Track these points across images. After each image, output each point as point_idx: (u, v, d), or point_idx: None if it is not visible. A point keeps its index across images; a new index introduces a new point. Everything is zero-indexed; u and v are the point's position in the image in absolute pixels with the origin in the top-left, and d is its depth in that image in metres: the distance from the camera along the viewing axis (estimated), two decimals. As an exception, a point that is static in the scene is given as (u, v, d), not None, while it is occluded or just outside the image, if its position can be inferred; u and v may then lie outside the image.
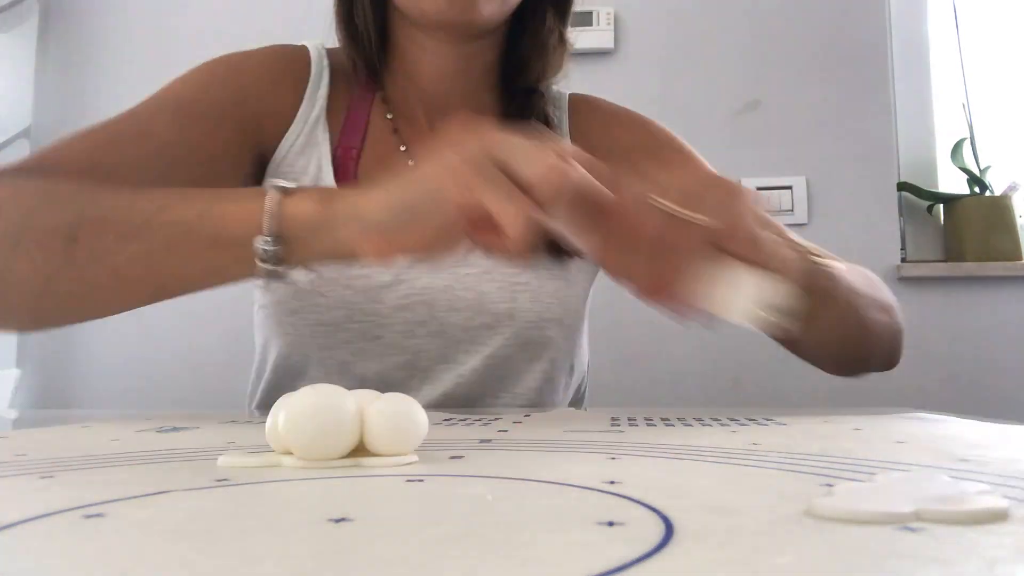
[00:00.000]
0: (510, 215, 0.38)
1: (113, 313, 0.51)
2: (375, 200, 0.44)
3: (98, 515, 0.20)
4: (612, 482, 0.24)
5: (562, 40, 0.72)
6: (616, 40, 1.69)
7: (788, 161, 1.62)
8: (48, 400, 1.61)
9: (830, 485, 0.23)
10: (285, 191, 0.46)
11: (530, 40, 0.71)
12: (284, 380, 0.70)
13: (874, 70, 1.63)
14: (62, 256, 0.48)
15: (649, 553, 0.15)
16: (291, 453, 0.28)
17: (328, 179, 0.68)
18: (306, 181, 0.68)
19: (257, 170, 0.70)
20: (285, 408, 0.28)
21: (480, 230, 0.40)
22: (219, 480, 0.25)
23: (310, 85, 0.71)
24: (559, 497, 0.22)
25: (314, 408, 0.27)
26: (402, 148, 0.70)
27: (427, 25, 0.66)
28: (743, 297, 0.38)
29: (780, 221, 1.76)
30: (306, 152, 0.69)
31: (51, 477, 0.26)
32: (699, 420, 0.44)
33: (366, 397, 0.30)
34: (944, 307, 1.55)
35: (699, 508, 0.20)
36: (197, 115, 0.64)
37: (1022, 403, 1.44)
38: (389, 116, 0.71)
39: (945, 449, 0.30)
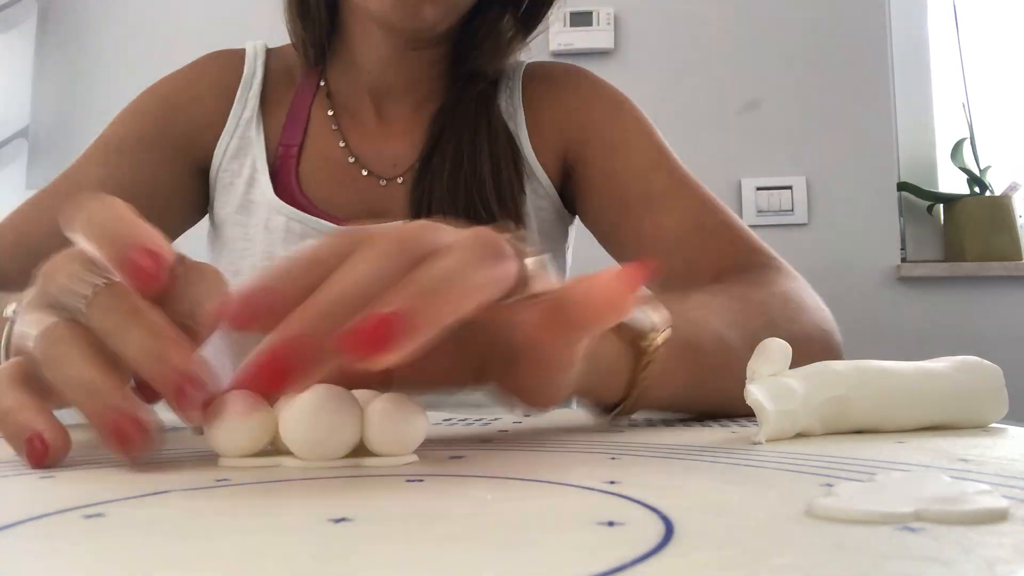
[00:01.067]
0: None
1: None
2: None
3: (98, 515, 0.20)
4: (612, 482, 0.24)
5: (516, 36, 0.69)
6: (616, 40, 1.69)
7: (788, 161, 1.62)
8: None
9: (830, 485, 0.23)
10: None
11: (483, 33, 0.68)
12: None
13: (874, 70, 1.63)
14: None
15: (649, 553, 0.15)
16: (290, 453, 0.28)
17: (263, 181, 0.66)
18: (240, 185, 0.67)
19: (201, 184, 0.69)
20: (285, 408, 0.28)
21: None
22: (219, 480, 0.25)
23: (241, 86, 0.70)
24: (559, 497, 0.22)
25: (314, 408, 0.27)
26: (342, 144, 0.69)
27: (374, 22, 0.65)
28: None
29: (780, 221, 1.75)
30: (239, 156, 0.68)
31: (51, 477, 0.26)
32: (699, 420, 0.44)
33: (365, 396, 0.30)
34: (944, 307, 1.55)
35: (699, 508, 0.20)
36: (123, 151, 0.65)
37: (1022, 403, 1.44)
38: (331, 112, 0.70)
39: (945, 449, 0.30)
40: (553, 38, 1.67)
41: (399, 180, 0.68)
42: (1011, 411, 0.37)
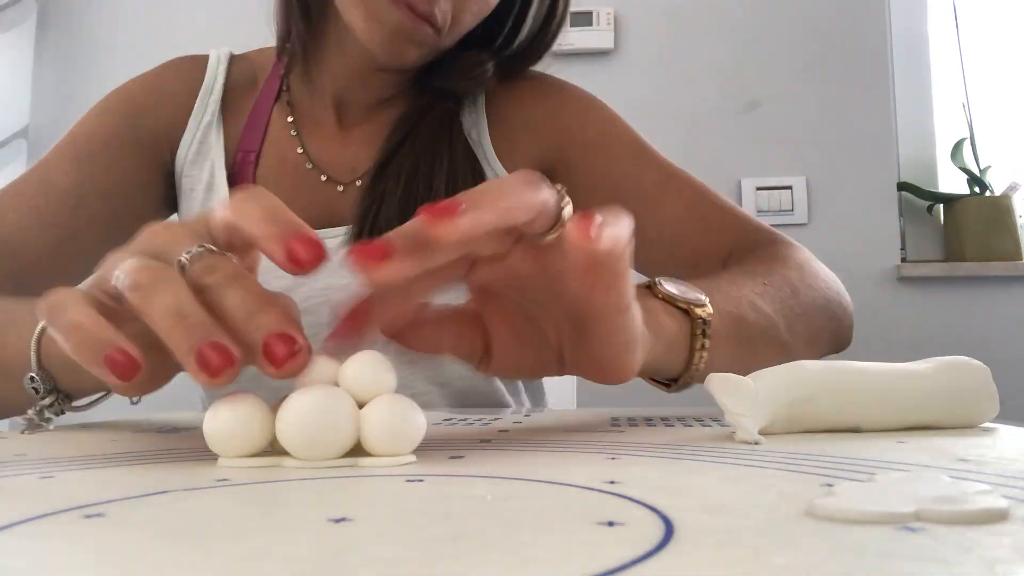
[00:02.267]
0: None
1: None
2: None
3: (98, 515, 0.20)
4: (612, 482, 0.24)
5: (487, 67, 0.68)
6: (616, 40, 1.69)
7: (788, 161, 1.62)
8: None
9: (830, 485, 0.23)
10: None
11: (457, 65, 0.67)
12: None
13: (874, 70, 1.63)
14: None
15: (649, 553, 0.15)
16: (285, 454, 0.28)
17: (221, 187, 0.67)
18: (200, 191, 0.67)
19: (170, 185, 0.70)
20: (283, 409, 0.28)
21: None
22: (219, 480, 0.25)
23: (202, 91, 0.70)
24: (559, 497, 0.22)
25: (311, 409, 0.27)
26: (299, 151, 0.69)
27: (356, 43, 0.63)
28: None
29: (780, 221, 1.76)
30: (199, 161, 0.68)
31: (51, 477, 0.26)
32: (699, 420, 0.44)
33: (362, 395, 0.29)
34: (944, 307, 1.55)
35: (699, 508, 0.20)
36: (93, 151, 0.65)
37: (1022, 403, 1.44)
38: (290, 119, 0.70)
39: (944, 449, 0.30)
40: (553, 38, 1.67)
41: (357, 184, 0.67)
42: (1011, 411, 0.37)
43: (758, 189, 1.61)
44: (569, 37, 1.68)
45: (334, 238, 0.65)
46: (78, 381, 0.43)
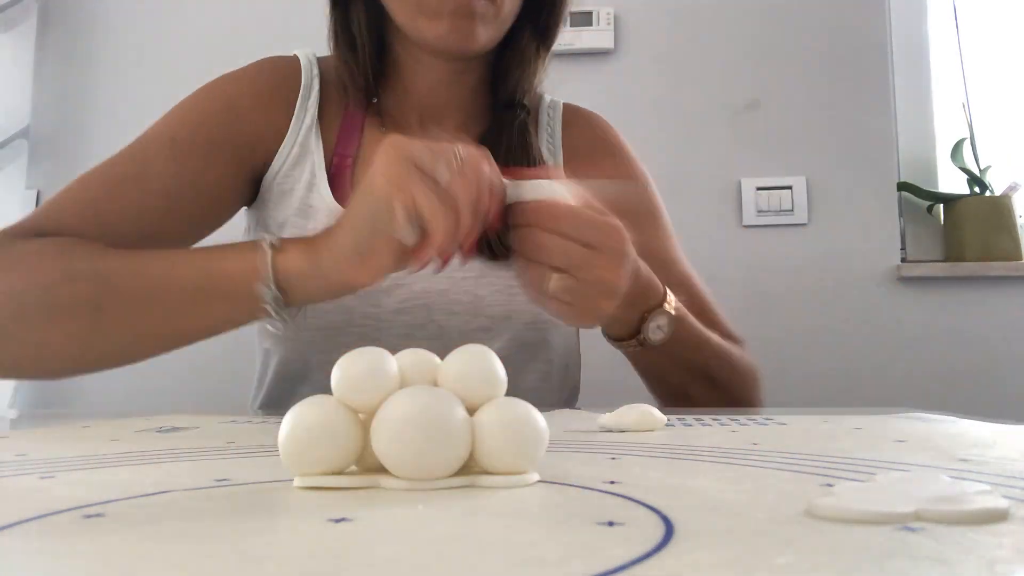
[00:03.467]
0: (439, 215, 0.43)
1: (139, 362, 0.56)
2: (343, 228, 0.49)
3: (98, 515, 0.20)
4: (612, 482, 0.24)
5: (539, 52, 0.74)
6: (616, 40, 1.69)
7: (788, 161, 1.62)
8: (48, 400, 1.62)
9: (830, 485, 0.23)
10: (274, 247, 0.51)
11: (512, 54, 0.73)
12: (285, 386, 0.70)
13: (874, 70, 1.63)
14: (91, 325, 0.53)
15: (649, 553, 0.15)
16: (380, 471, 0.24)
17: (322, 186, 0.68)
18: (299, 190, 0.69)
19: (253, 187, 0.71)
20: (380, 418, 0.23)
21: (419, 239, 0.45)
22: (219, 480, 0.25)
23: (300, 96, 0.71)
24: (559, 497, 0.22)
25: (418, 417, 0.22)
26: None
27: (426, 49, 0.68)
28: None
29: (780, 221, 1.74)
30: (300, 163, 0.70)
31: (51, 477, 0.26)
32: (699, 420, 0.44)
33: (473, 401, 0.24)
34: (944, 307, 1.55)
35: (699, 508, 0.20)
36: (192, 150, 0.66)
37: (1022, 403, 1.44)
38: (383, 128, 0.72)
39: (945, 449, 0.30)
40: (553, 38, 1.67)
41: None
42: (1011, 411, 0.37)
43: (758, 189, 1.61)
44: (569, 37, 1.68)
45: None
46: (314, 289, 0.51)
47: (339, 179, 0.69)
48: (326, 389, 0.25)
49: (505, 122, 0.73)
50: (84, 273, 0.55)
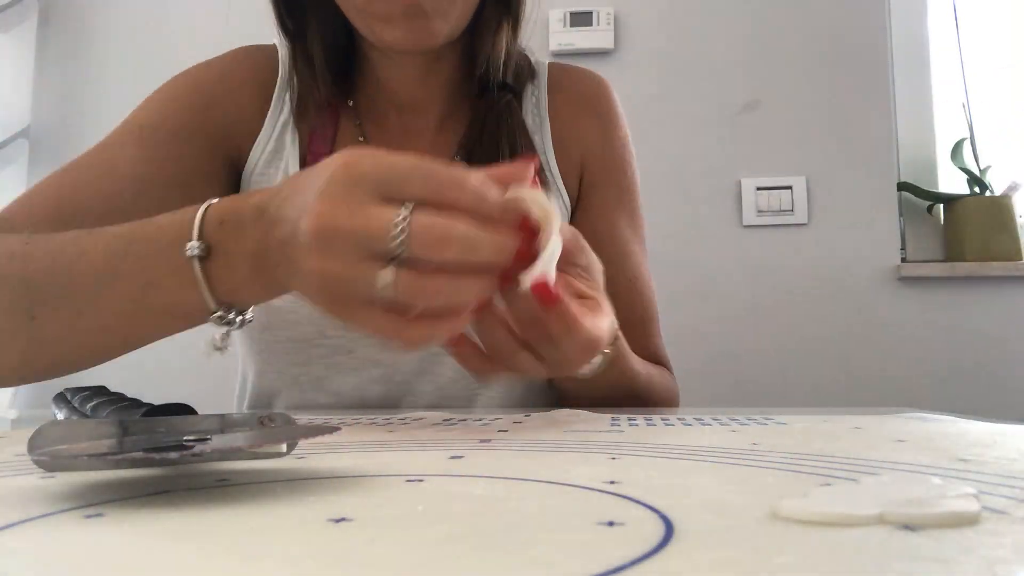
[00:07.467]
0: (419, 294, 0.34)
1: (92, 366, 0.52)
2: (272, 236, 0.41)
3: (98, 515, 0.20)
4: (612, 482, 0.24)
5: (509, 27, 0.70)
6: (616, 40, 1.69)
7: (788, 161, 1.62)
8: (48, 400, 1.61)
9: (829, 485, 0.23)
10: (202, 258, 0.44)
11: (480, 36, 0.69)
12: (261, 400, 0.69)
13: (874, 70, 1.63)
14: (27, 333, 0.48)
15: (649, 553, 0.15)
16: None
17: None
18: None
19: (232, 180, 0.69)
20: None
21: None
22: (219, 480, 0.25)
23: (278, 87, 0.70)
24: (559, 497, 0.22)
25: None
26: None
27: (390, 51, 0.66)
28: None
29: (780, 221, 1.74)
30: (274, 160, 0.68)
31: (51, 477, 0.26)
32: (699, 420, 0.44)
33: None
34: (944, 307, 1.55)
35: (699, 508, 0.20)
36: (161, 138, 0.64)
37: (1022, 403, 1.44)
38: (358, 122, 0.71)
39: (945, 449, 0.30)
40: (553, 38, 1.67)
41: None
42: (1011, 411, 0.37)
43: (758, 189, 1.61)
44: (569, 37, 1.68)
45: None
46: (250, 299, 0.45)
47: None
48: (304, 402, 0.25)
49: (487, 108, 0.70)
50: (12, 272, 0.49)
